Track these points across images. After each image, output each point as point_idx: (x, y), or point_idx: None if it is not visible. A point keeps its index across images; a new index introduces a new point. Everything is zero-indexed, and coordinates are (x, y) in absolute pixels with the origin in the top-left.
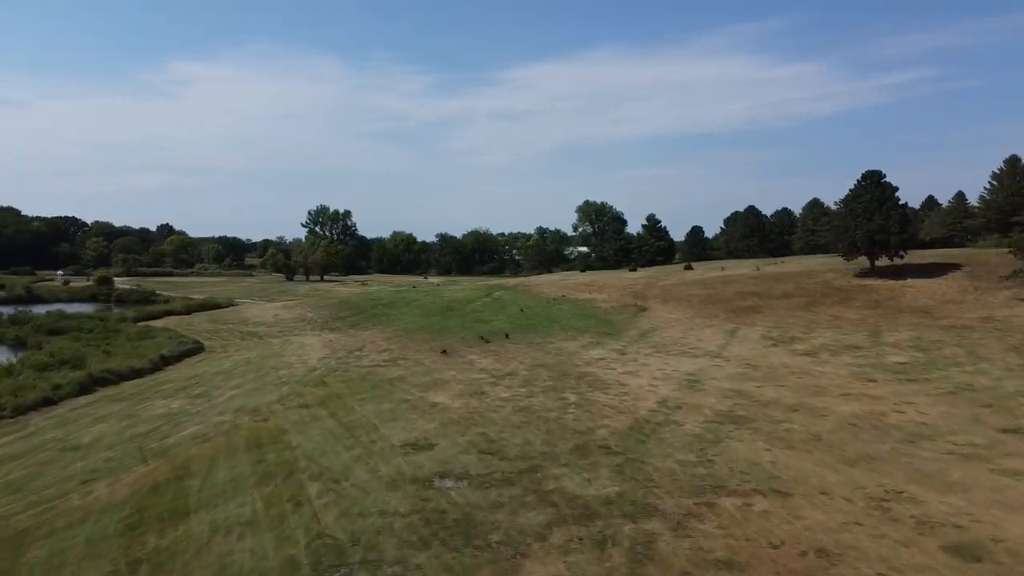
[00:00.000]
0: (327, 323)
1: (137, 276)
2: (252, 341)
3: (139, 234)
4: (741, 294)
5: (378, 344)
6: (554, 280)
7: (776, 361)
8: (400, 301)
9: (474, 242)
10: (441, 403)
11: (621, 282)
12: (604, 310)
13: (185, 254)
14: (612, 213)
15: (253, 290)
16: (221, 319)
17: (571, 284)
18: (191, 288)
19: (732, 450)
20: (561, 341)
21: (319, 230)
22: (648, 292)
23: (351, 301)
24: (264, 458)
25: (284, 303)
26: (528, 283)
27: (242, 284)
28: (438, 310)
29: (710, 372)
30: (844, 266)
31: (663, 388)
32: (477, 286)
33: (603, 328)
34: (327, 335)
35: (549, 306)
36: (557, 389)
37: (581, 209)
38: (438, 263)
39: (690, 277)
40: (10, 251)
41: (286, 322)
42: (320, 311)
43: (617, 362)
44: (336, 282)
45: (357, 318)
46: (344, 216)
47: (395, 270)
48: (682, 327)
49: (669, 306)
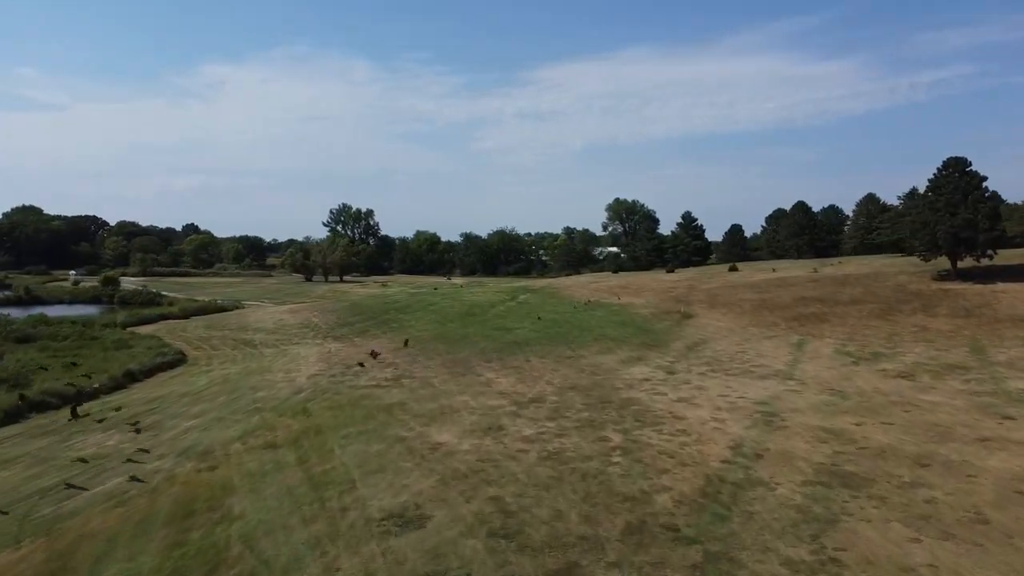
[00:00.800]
0: (332, 330)
1: (153, 276)
2: (243, 351)
3: (163, 234)
4: (801, 299)
5: (383, 357)
6: (584, 282)
7: (865, 385)
8: (416, 305)
9: (499, 242)
10: (445, 444)
11: (659, 284)
12: (643, 317)
13: (205, 254)
14: (644, 211)
15: (267, 291)
16: (219, 324)
17: (603, 287)
18: (204, 289)
19: (860, 538)
20: (596, 355)
21: (341, 229)
22: (692, 296)
23: (364, 305)
24: (185, 540)
25: (292, 306)
26: (556, 285)
27: (258, 285)
28: (457, 316)
29: (786, 400)
30: (916, 267)
31: (732, 424)
32: (501, 288)
33: (644, 339)
34: (329, 344)
35: (580, 312)
36: (595, 424)
37: (611, 207)
38: (462, 264)
39: (737, 279)
40: (29, 250)
41: (288, 328)
42: (328, 316)
43: (666, 384)
44: (356, 283)
45: (367, 324)
46: (366, 215)
47: (418, 270)
48: (737, 338)
49: (718, 312)
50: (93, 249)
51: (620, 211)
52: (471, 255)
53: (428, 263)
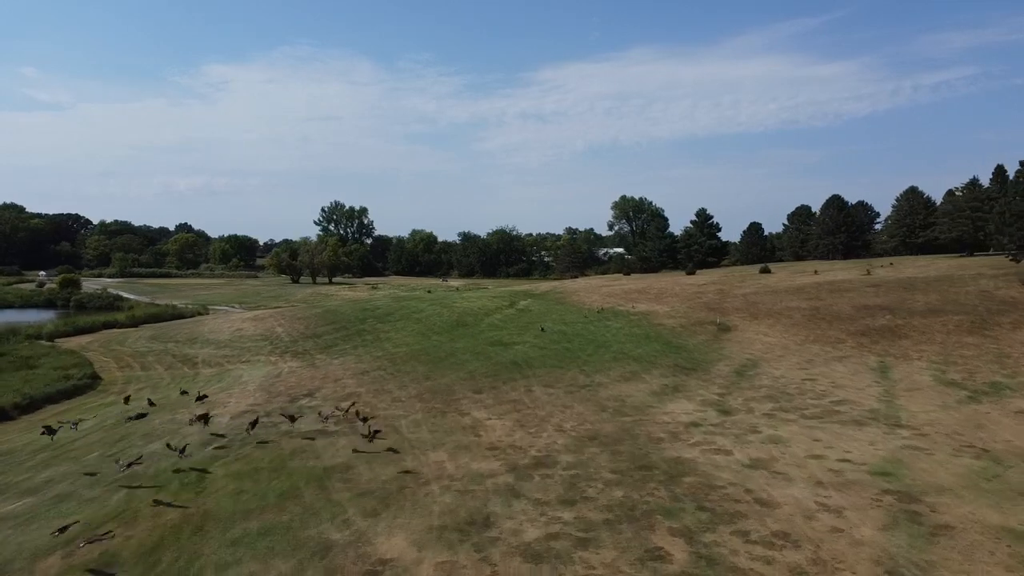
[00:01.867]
0: (295, 343)
1: (131, 277)
2: (176, 372)
3: (155, 233)
4: (864, 308)
5: (344, 383)
6: (595, 285)
7: (1016, 438)
8: (400, 312)
9: (499, 242)
10: (393, 563)
11: (683, 289)
12: (670, 329)
13: (191, 254)
14: (652, 209)
15: (244, 294)
16: (166, 335)
17: (617, 291)
18: (178, 291)
19: None
20: (618, 382)
21: (333, 228)
22: (725, 303)
23: (339, 312)
24: None
25: (260, 313)
26: (562, 289)
27: (239, 287)
28: (444, 326)
29: (916, 467)
30: (998, 269)
31: (858, 520)
32: (499, 293)
33: (677, 358)
34: (283, 364)
35: (593, 322)
36: (637, 514)
37: (617, 205)
38: (460, 265)
39: (775, 283)
40: (6, 249)
41: (244, 340)
42: (294, 325)
43: (725, 432)
44: (345, 285)
45: (337, 336)
46: (360, 213)
47: (414, 272)
48: (796, 359)
49: (763, 324)
50: (74, 249)
51: (627, 209)
52: (469, 256)
53: (424, 264)
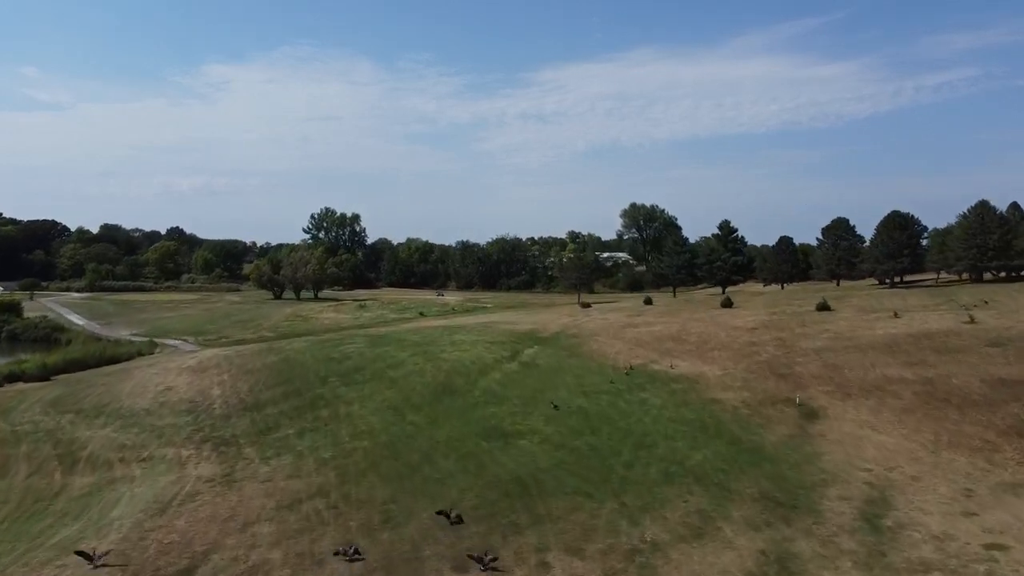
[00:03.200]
0: (226, 422)
1: (101, 291)
2: (42, 481)
3: (141, 239)
4: (1001, 385)
5: (256, 534)
6: (616, 326)
7: None
8: (373, 367)
9: (500, 251)
10: None
11: (730, 336)
12: (732, 410)
13: (171, 263)
14: (664, 218)
15: (214, 317)
16: (73, 398)
17: (646, 336)
18: (142, 312)
19: None
20: (686, 541)
21: (323, 236)
22: (795, 364)
23: (299, 364)
24: None
25: (205, 359)
26: (576, 331)
27: (211, 306)
28: (426, 394)
29: None
30: None
31: None
32: (499, 335)
33: (759, 477)
34: (195, 468)
35: (623, 392)
36: None
37: (627, 213)
38: (458, 276)
39: (849, 331)
40: None
41: (164, 412)
42: (239, 383)
43: None
44: (331, 302)
45: (284, 408)
46: (352, 220)
47: (408, 283)
48: (944, 487)
49: (861, 408)
50: (49, 258)
51: (637, 217)
52: (468, 266)
53: (420, 275)
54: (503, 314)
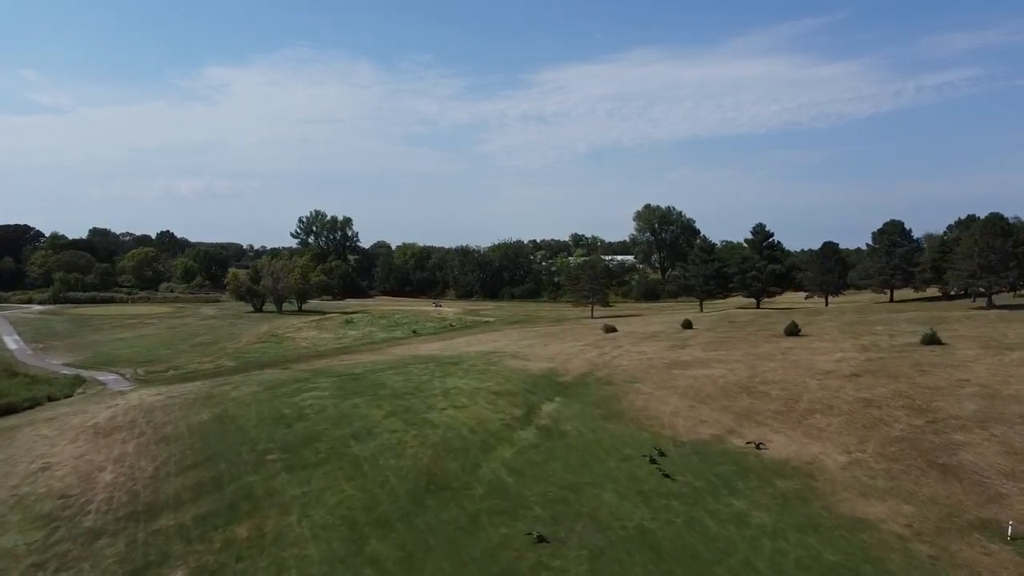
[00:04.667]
0: (83, 555)
1: (65, 303)
2: None
3: (132, 243)
4: None
5: None
6: (657, 364)
7: None
8: (332, 435)
9: (502, 257)
10: None
11: (822, 386)
12: (901, 550)
13: (149, 270)
14: (682, 221)
15: (176, 337)
16: None
17: (706, 385)
18: (97, 330)
19: None
20: None
21: (313, 240)
22: (956, 448)
23: (235, 427)
24: None
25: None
26: (609, 376)
27: (179, 322)
28: (401, 496)
29: None
30: None
31: None
32: (505, 385)
33: None
34: None
35: (703, 500)
36: None
37: (641, 216)
38: (457, 283)
39: (997, 381)
40: None
41: (15, 518)
42: (142, 464)
43: None
44: (315, 315)
45: (183, 524)
46: (344, 224)
47: (404, 291)
48: None
49: None
50: (19, 265)
51: (652, 220)
52: (468, 273)
53: (416, 283)
54: (508, 335)
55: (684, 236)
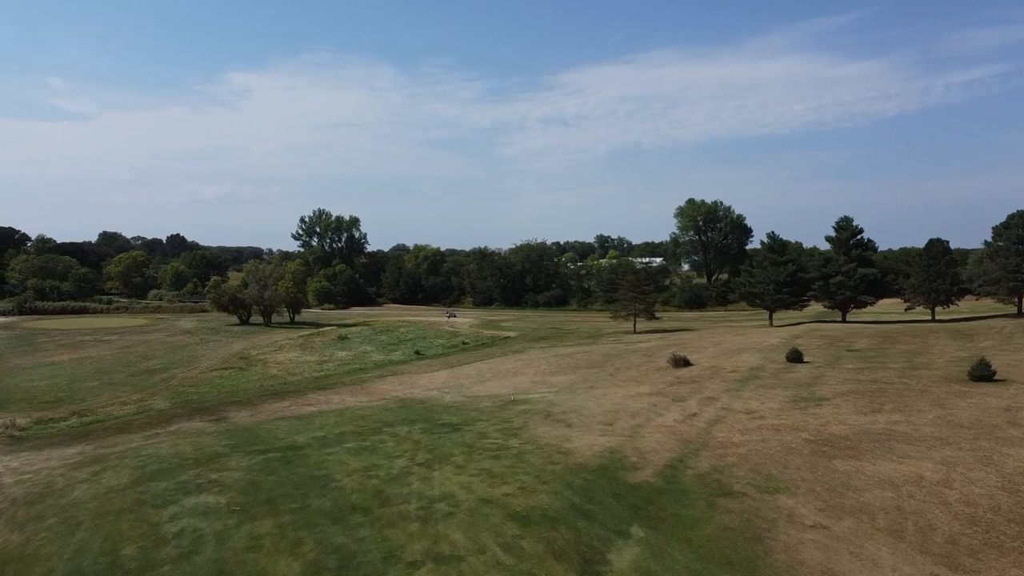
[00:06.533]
0: None
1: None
2: None
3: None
4: None
5: None
6: (792, 444)
7: None
8: None
9: (525, 260)
10: None
11: None
12: None
13: (138, 276)
14: (731, 218)
15: (118, 361)
16: None
17: (931, 510)
18: (37, 350)
19: None
20: None
21: (316, 243)
22: None
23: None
24: None
25: None
26: (718, 463)
27: (144, 337)
28: None
29: None
30: None
31: None
32: (540, 504)
33: None
34: None
35: None
36: None
37: (684, 212)
38: (475, 290)
39: None
40: None
41: None
42: None
43: None
44: (308, 328)
45: None
46: (350, 224)
47: (415, 299)
48: None
49: None
50: None
51: (695, 216)
52: (487, 278)
53: (429, 289)
54: (535, 362)
55: (734, 235)
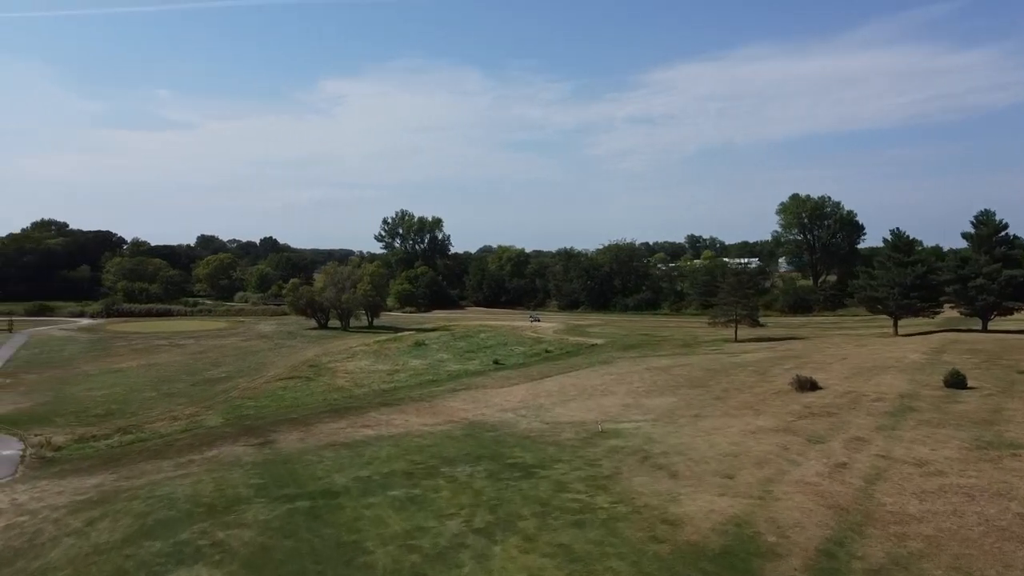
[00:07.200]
0: None
1: (116, 316)
2: None
3: (239, 250)
4: None
5: None
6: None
7: None
8: None
9: (613, 261)
10: None
11: None
12: None
13: (224, 278)
14: (840, 215)
15: (185, 369)
16: None
17: None
18: (107, 354)
19: None
20: None
21: (398, 244)
22: None
23: None
24: None
25: None
26: (893, 561)
27: (219, 342)
28: None
29: None
30: None
31: None
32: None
33: None
34: None
35: None
36: None
37: (787, 208)
38: (560, 292)
39: None
40: (17, 276)
41: None
42: None
43: None
44: (387, 332)
45: None
46: (433, 225)
47: (498, 302)
48: None
49: None
50: (95, 273)
51: (800, 213)
52: (572, 280)
53: (513, 291)
54: (626, 377)
55: (843, 233)
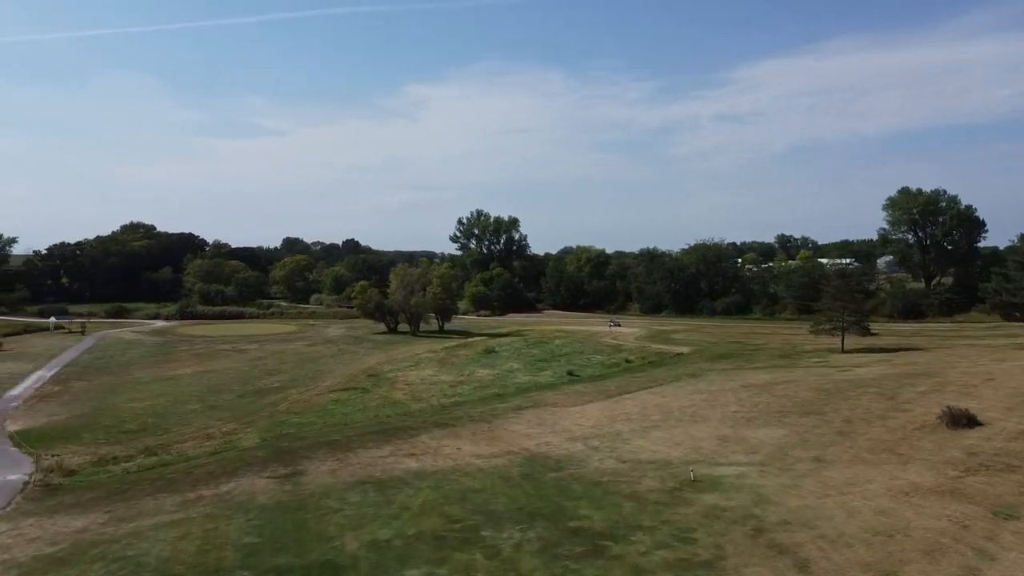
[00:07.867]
0: None
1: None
2: None
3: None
4: None
5: None
6: None
7: None
8: None
9: (699, 262)
10: None
11: None
12: None
13: (300, 280)
14: (957, 210)
15: (242, 376)
16: None
17: None
18: (170, 358)
19: None
20: None
21: (474, 245)
22: None
23: None
24: None
25: None
26: None
27: (281, 348)
28: None
29: None
30: None
31: None
32: None
33: None
34: None
35: None
36: None
37: (896, 203)
38: (642, 294)
39: None
40: (105, 277)
41: None
42: None
43: None
44: (458, 337)
45: None
46: (509, 225)
47: (576, 305)
48: None
49: None
50: (177, 274)
51: (910, 209)
52: (655, 282)
53: (592, 294)
54: (719, 396)
55: (961, 231)
